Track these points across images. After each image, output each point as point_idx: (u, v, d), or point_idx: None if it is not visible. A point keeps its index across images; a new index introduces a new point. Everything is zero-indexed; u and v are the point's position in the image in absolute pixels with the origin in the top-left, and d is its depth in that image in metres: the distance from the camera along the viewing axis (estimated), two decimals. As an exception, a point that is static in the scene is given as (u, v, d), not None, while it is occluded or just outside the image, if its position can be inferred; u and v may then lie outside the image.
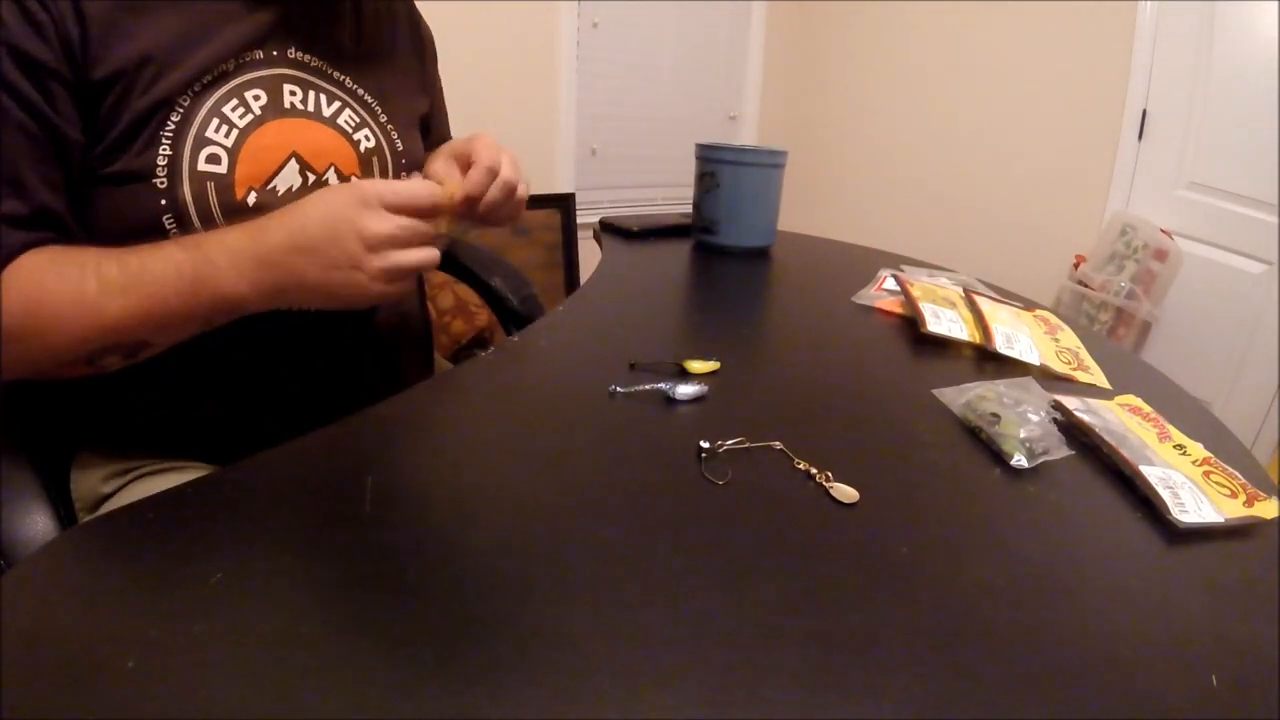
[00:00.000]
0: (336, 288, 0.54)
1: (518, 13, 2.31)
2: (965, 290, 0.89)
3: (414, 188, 0.56)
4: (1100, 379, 0.71)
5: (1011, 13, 2.51)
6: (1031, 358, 0.72)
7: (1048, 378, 0.69)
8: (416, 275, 0.57)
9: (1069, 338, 0.80)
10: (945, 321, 0.77)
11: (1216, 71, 2.06)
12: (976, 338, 0.75)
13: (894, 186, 2.94)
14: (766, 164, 1.09)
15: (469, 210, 0.65)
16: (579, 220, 2.29)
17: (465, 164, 0.69)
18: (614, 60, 2.58)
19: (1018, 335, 0.75)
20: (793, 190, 1.26)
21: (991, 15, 2.57)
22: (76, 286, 0.50)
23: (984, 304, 0.83)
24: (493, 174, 0.66)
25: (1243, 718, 0.32)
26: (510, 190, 0.68)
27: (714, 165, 1.09)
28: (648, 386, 0.57)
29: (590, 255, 1.02)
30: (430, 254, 0.56)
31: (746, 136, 3.10)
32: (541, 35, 2.40)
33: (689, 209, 1.18)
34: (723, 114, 3.04)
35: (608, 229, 1.22)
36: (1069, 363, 0.73)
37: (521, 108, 2.34)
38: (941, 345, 0.75)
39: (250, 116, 0.57)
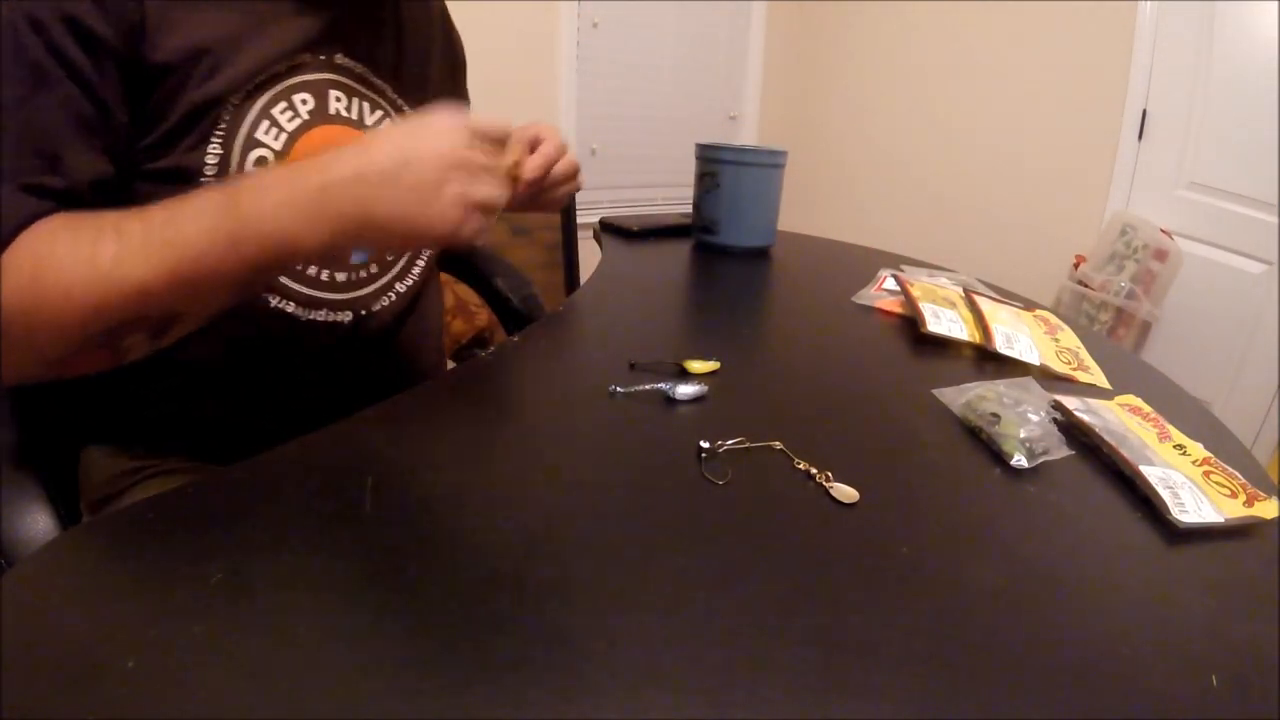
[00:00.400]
0: (408, 217, 0.48)
1: (518, 13, 2.31)
2: (965, 290, 0.89)
3: (489, 118, 0.52)
4: (1100, 379, 0.71)
5: (1011, 13, 2.51)
6: (1032, 358, 0.72)
7: (1048, 378, 0.69)
8: (487, 216, 0.52)
9: (1069, 338, 0.80)
10: (945, 321, 0.77)
11: (1216, 71, 2.06)
12: (977, 338, 0.75)
13: (894, 186, 2.94)
14: (766, 164, 1.09)
15: (534, 185, 0.66)
16: (579, 220, 2.29)
17: (526, 148, 0.69)
18: (614, 60, 2.58)
19: (1018, 335, 0.75)
20: (793, 190, 1.26)
21: (991, 15, 2.57)
22: (91, 248, 0.44)
23: (984, 304, 0.83)
24: (561, 151, 0.68)
25: (1243, 718, 0.32)
26: (574, 171, 0.71)
27: (714, 165, 1.09)
28: (648, 386, 0.57)
29: (590, 255, 1.02)
30: (503, 192, 0.52)
31: (746, 136, 3.10)
32: (541, 35, 2.40)
33: (689, 209, 1.18)
34: (723, 114, 3.04)
35: (608, 229, 1.22)
36: (1069, 363, 0.73)
37: (521, 108, 2.34)
38: (942, 345, 0.75)
39: (298, 120, 0.57)
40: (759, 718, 0.29)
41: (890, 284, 0.93)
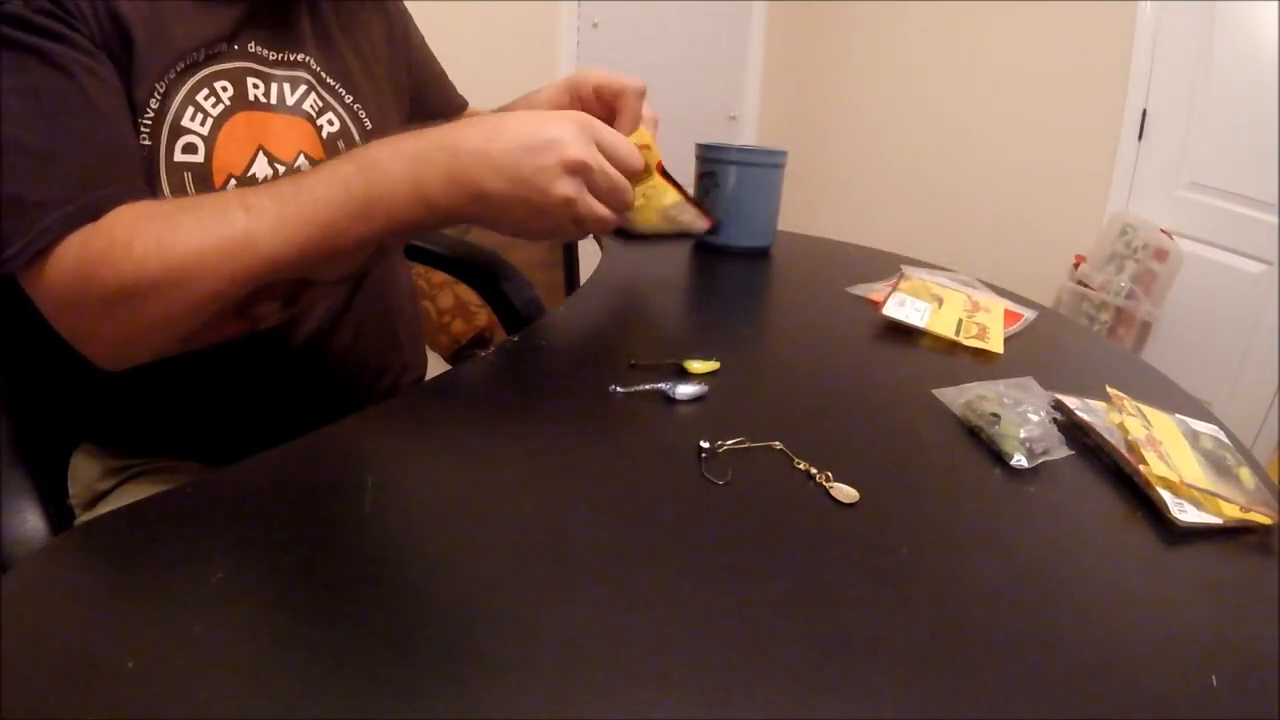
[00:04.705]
0: (521, 219, 0.52)
1: (518, 13, 2.31)
2: (950, 282, 0.90)
3: (629, 147, 0.54)
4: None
5: (1011, 13, 2.51)
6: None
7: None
8: (599, 228, 0.55)
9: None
10: (908, 309, 0.78)
11: (1216, 71, 2.06)
12: (937, 328, 0.76)
13: (894, 186, 2.94)
14: (766, 164, 1.09)
15: None
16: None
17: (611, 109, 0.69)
18: (614, 60, 2.58)
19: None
20: (793, 190, 1.26)
21: (992, 15, 2.57)
22: (219, 221, 0.46)
23: (938, 287, 0.84)
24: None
25: (1243, 718, 0.32)
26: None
27: (714, 165, 1.09)
28: (648, 386, 0.57)
29: (590, 255, 1.02)
30: (613, 218, 0.55)
31: (746, 136, 3.10)
32: (541, 35, 2.41)
33: (689, 209, 1.18)
34: (723, 114, 3.04)
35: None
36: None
37: (521, 108, 2.34)
38: (944, 345, 0.75)
39: (221, 106, 0.57)
40: (759, 718, 0.29)
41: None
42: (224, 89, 0.57)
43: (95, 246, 0.47)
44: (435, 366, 0.90)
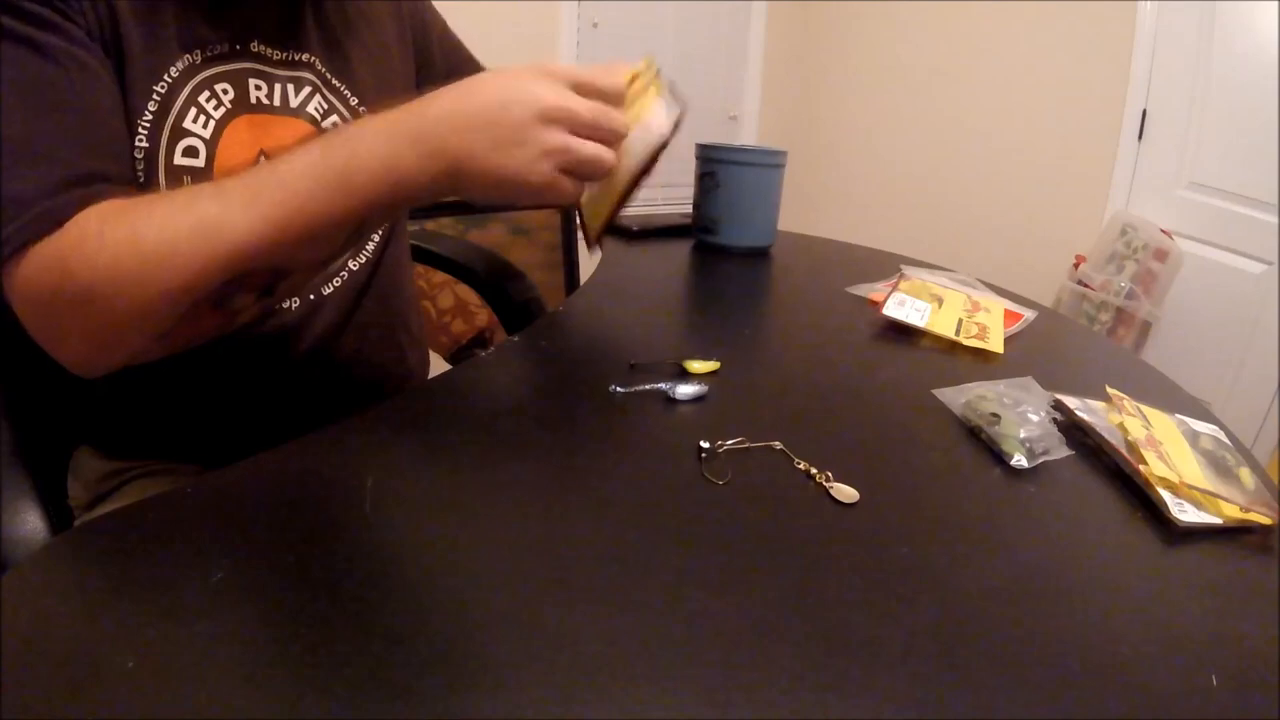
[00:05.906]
0: (499, 164, 0.48)
1: (518, 13, 2.31)
2: (950, 282, 0.90)
3: (605, 74, 0.51)
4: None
5: (1011, 13, 2.51)
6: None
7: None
8: (591, 178, 0.52)
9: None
10: (907, 309, 0.78)
11: (1216, 71, 2.06)
12: (937, 328, 0.76)
13: (894, 186, 2.94)
14: (766, 164, 1.09)
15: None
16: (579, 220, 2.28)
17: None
18: (614, 60, 2.58)
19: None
20: (793, 190, 1.26)
21: (991, 15, 2.57)
22: (187, 207, 0.45)
23: (938, 287, 0.84)
24: None
25: (1243, 718, 0.32)
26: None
27: (714, 165, 1.09)
28: (648, 386, 0.57)
29: (590, 255, 1.03)
30: (608, 153, 0.51)
31: (746, 136, 3.10)
32: (541, 35, 2.41)
33: (689, 209, 1.18)
34: (723, 114, 3.04)
35: (608, 229, 1.22)
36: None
37: (521, 108, 2.34)
38: (944, 345, 0.75)
39: (223, 109, 0.56)
40: (759, 718, 0.29)
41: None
42: (224, 91, 0.57)
43: (67, 241, 0.45)
44: (435, 366, 0.90)
